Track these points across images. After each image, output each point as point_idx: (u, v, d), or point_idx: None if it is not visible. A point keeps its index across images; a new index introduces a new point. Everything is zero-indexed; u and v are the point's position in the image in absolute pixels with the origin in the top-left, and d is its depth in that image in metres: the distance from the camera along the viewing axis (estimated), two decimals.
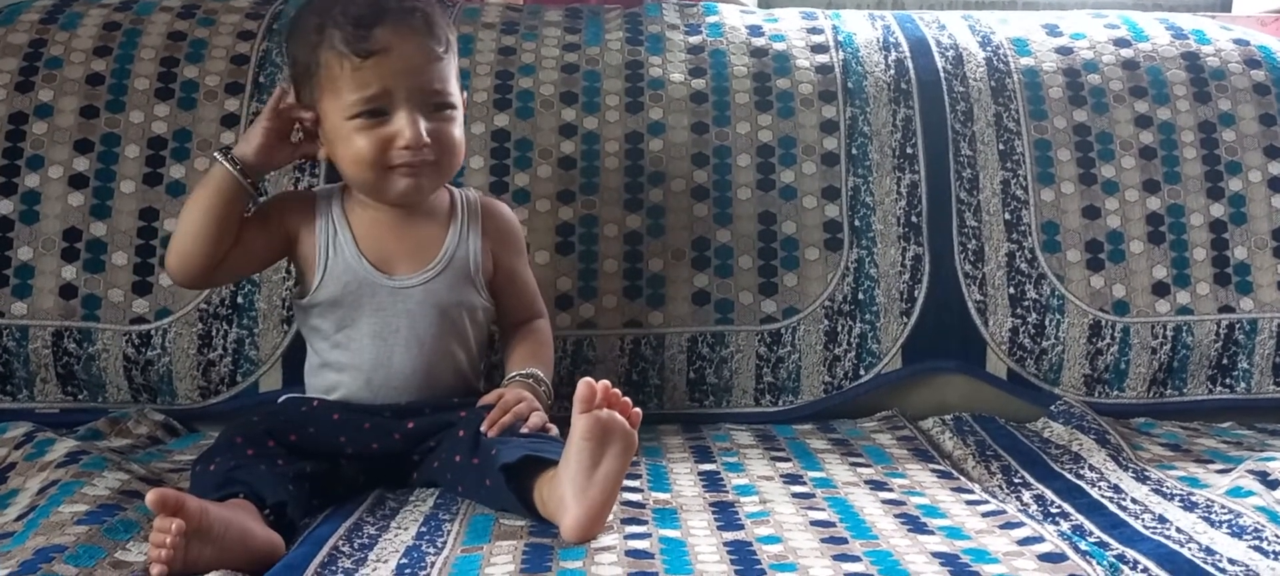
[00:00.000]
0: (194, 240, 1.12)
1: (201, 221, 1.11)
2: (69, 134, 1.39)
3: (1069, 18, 1.64)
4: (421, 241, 1.18)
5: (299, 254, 1.18)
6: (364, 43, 1.08)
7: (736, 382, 1.40)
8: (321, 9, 1.12)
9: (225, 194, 1.11)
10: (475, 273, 1.19)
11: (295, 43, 1.15)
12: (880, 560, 0.86)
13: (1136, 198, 1.48)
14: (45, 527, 0.92)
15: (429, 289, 1.16)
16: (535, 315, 1.25)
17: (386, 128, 1.10)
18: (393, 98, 1.10)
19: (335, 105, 1.11)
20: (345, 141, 1.12)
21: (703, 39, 1.54)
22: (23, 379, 1.35)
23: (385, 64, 1.09)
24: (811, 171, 1.45)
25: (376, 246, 1.16)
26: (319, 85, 1.12)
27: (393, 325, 1.15)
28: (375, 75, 1.09)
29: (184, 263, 1.13)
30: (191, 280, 1.16)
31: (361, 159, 1.11)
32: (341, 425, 1.11)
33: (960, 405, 1.42)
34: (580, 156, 1.44)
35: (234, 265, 1.16)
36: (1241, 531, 0.96)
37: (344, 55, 1.09)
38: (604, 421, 0.91)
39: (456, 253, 1.18)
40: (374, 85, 1.09)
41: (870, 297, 1.42)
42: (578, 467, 0.91)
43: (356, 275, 1.15)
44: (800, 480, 1.09)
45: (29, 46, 1.45)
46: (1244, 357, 1.45)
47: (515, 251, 1.25)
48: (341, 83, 1.10)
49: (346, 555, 0.89)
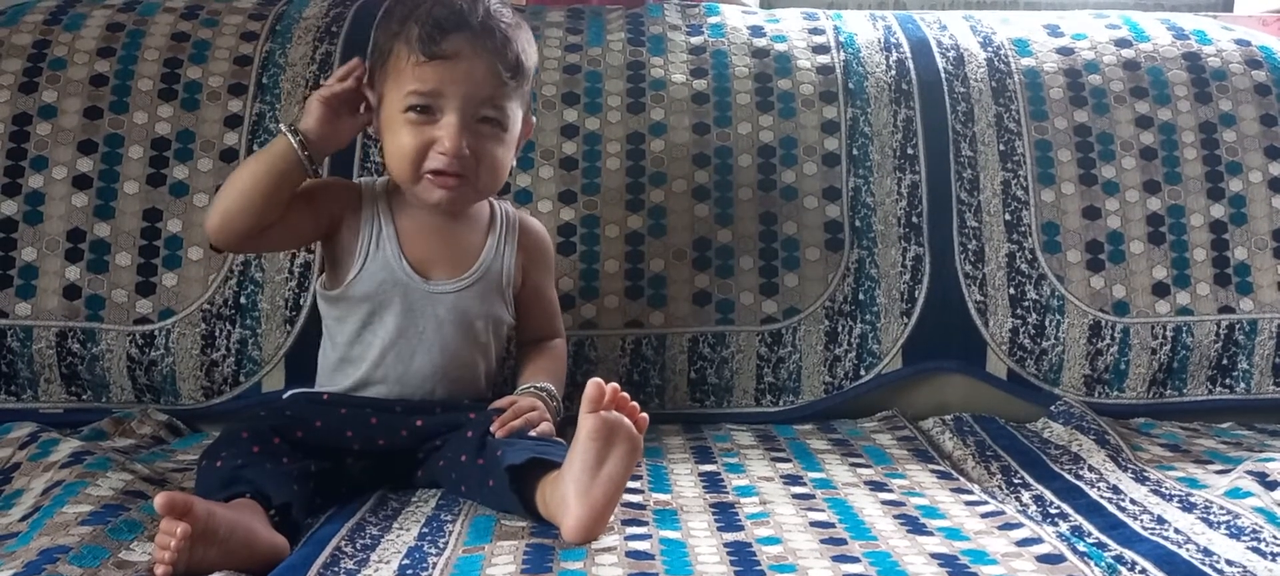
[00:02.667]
0: (241, 205, 1.11)
1: (252, 188, 1.12)
2: (73, 135, 1.40)
3: (1070, 18, 1.65)
4: (461, 249, 1.19)
5: (339, 243, 1.18)
6: (435, 44, 1.11)
7: (737, 383, 1.41)
8: (412, 3, 1.14)
9: (281, 166, 1.12)
10: (506, 286, 1.21)
11: (380, 28, 1.19)
12: (879, 561, 0.86)
13: (1137, 198, 1.48)
14: (49, 528, 0.92)
15: (461, 296, 1.18)
16: (553, 334, 1.27)
17: (432, 129, 1.12)
18: (445, 102, 1.12)
19: (394, 94, 1.13)
20: (393, 132, 1.14)
21: (704, 39, 1.54)
22: (27, 379, 1.35)
23: (448, 70, 1.11)
24: (812, 172, 1.45)
25: (418, 249, 1.17)
26: (387, 71, 1.14)
27: (418, 327, 1.16)
28: (435, 76, 1.11)
29: (226, 223, 1.12)
30: (228, 243, 1.16)
31: (402, 153, 1.13)
32: (349, 420, 1.12)
33: (960, 405, 1.43)
34: (582, 157, 1.44)
35: (273, 238, 1.17)
36: (1239, 532, 0.96)
37: (413, 49, 1.11)
38: (610, 422, 0.92)
39: (492, 265, 1.20)
40: (431, 84, 1.11)
41: (871, 298, 1.42)
42: (582, 466, 0.91)
43: (394, 274, 1.16)
44: (800, 481, 1.10)
45: (33, 47, 1.45)
46: (1244, 358, 1.45)
47: (545, 270, 1.27)
48: (405, 74, 1.12)
49: (349, 555, 0.89)
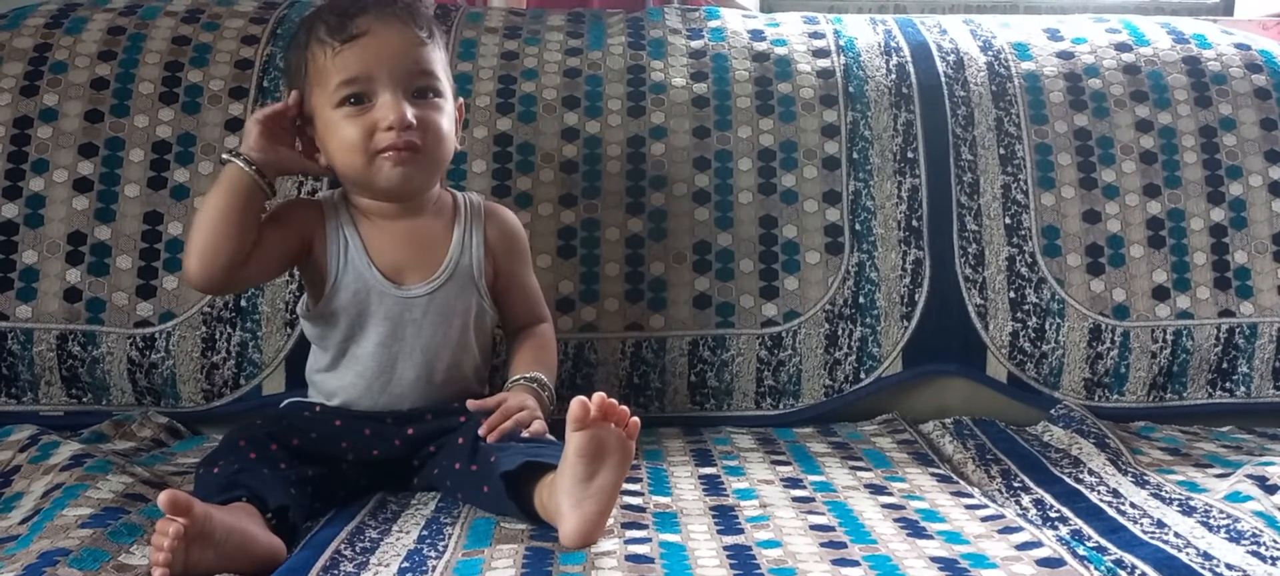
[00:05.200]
0: (214, 241, 1.10)
1: (218, 221, 1.10)
2: (73, 138, 1.40)
3: (1070, 22, 1.64)
4: (428, 246, 1.18)
5: (312, 263, 1.17)
6: (345, 28, 1.11)
7: (737, 386, 1.41)
8: (309, 14, 1.16)
9: (239, 191, 1.10)
10: (478, 277, 1.19)
11: (289, 51, 1.19)
12: (879, 565, 0.86)
13: (1137, 202, 1.48)
14: (49, 531, 0.93)
15: (435, 298, 1.16)
16: (539, 319, 1.25)
17: (371, 112, 1.11)
18: (376, 82, 1.11)
19: (323, 96, 1.12)
20: (334, 132, 1.12)
21: (704, 43, 1.54)
22: (27, 382, 1.35)
23: (368, 48, 1.11)
24: (812, 175, 1.45)
25: (386, 255, 1.16)
26: (309, 81, 1.13)
27: (399, 334, 1.15)
28: (357, 59, 1.10)
29: (205, 262, 1.10)
30: (212, 281, 1.12)
31: (349, 145, 1.11)
32: (343, 431, 1.12)
33: (960, 409, 1.43)
34: (582, 160, 1.44)
35: (253, 269, 1.14)
36: (1239, 536, 0.96)
37: (326, 43, 1.11)
38: (598, 438, 0.91)
39: (460, 259, 1.19)
40: (356, 68, 1.10)
41: (871, 301, 1.42)
42: (572, 480, 0.91)
43: (367, 284, 1.15)
44: (801, 484, 1.10)
45: (34, 51, 1.45)
46: (1244, 362, 1.45)
47: (518, 256, 1.25)
48: (327, 71, 1.11)
49: (348, 559, 0.89)
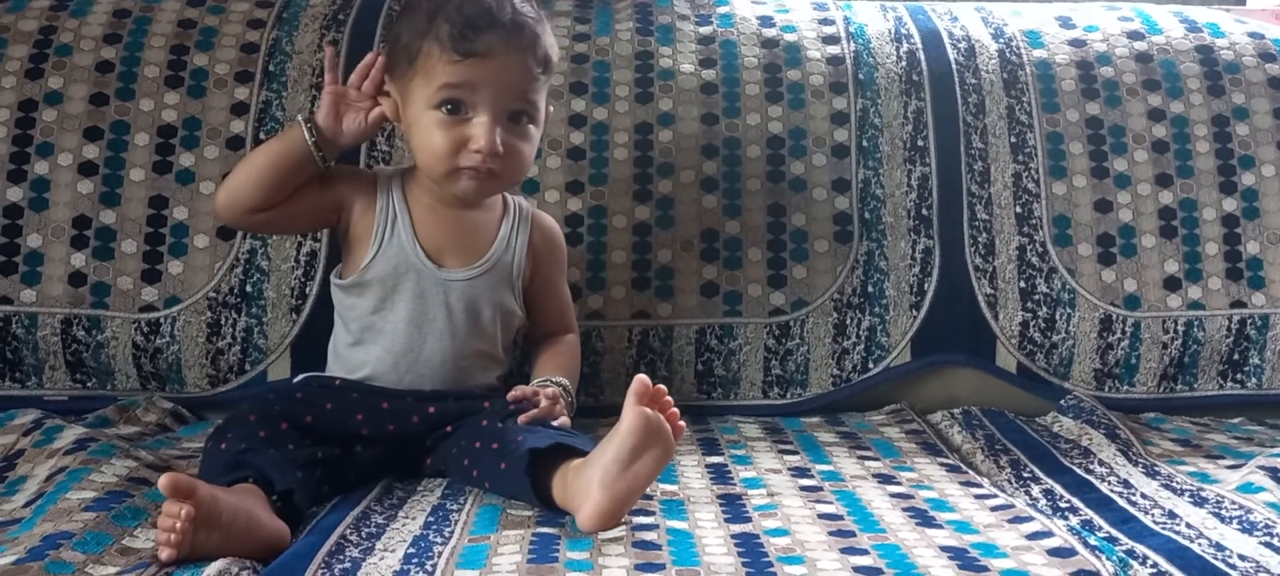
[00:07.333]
0: (250, 184, 1.15)
1: (263, 169, 1.15)
2: (79, 121, 1.40)
3: (1082, 10, 1.63)
4: (474, 237, 1.20)
5: (352, 229, 1.19)
6: (469, 42, 1.11)
7: (744, 375, 1.40)
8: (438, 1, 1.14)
9: (292, 154, 1.15)
10: (516, 277, 1.21)
11: (404, 23, 1.17)
12: (888, 553, 0.85)
13: (1149, 192, 1.47)
14: (53, 514, 0.92)
15: (472, 284, 1.18)
16: (567, 329, 1.27)
17: (465, 128, 1.12)
18: (478, 99, 1.12)
19: (423, 91, 1.13)
20: (424, 130, 1.14)
21: (713, 29, 1.53)
22: (32, 366, 1.35)
23: (481, 68, 1.11)
24: (822, 163, 1.45)
25: (431, 235, 1.18)
26: (415, 68, 1.13)
27: (430, 314, 1.17)
28: (469, 74, 1.11)
29: (231, 198, 1.16)
30: (232, 217, 1.19)
31: (435, 151, 1.13)
32: (360, 405, 1.12)
33: (969, 399, 1.42)
34: (589, 147, 1.43)
35: (279, 221, 1.20)
36: (1252, 527, 0.95)
37: (446, 48, 1.11)
38: (654, 423, 0.92)
39: (503, 256, 1.20)
40: (464, 82, 1.11)
41: (880, 290, 1.41)
42: (614, 457, 0.91)
43: (407, 259, 1.17)
44: (808, 473, 1.09)
45: (39, 33, 1.44)
46: (1255, 353, 1.44)
47: (557, 264, 1.27)
48: (435, 70, 1.12)
49: (354, 544, 0.89)
